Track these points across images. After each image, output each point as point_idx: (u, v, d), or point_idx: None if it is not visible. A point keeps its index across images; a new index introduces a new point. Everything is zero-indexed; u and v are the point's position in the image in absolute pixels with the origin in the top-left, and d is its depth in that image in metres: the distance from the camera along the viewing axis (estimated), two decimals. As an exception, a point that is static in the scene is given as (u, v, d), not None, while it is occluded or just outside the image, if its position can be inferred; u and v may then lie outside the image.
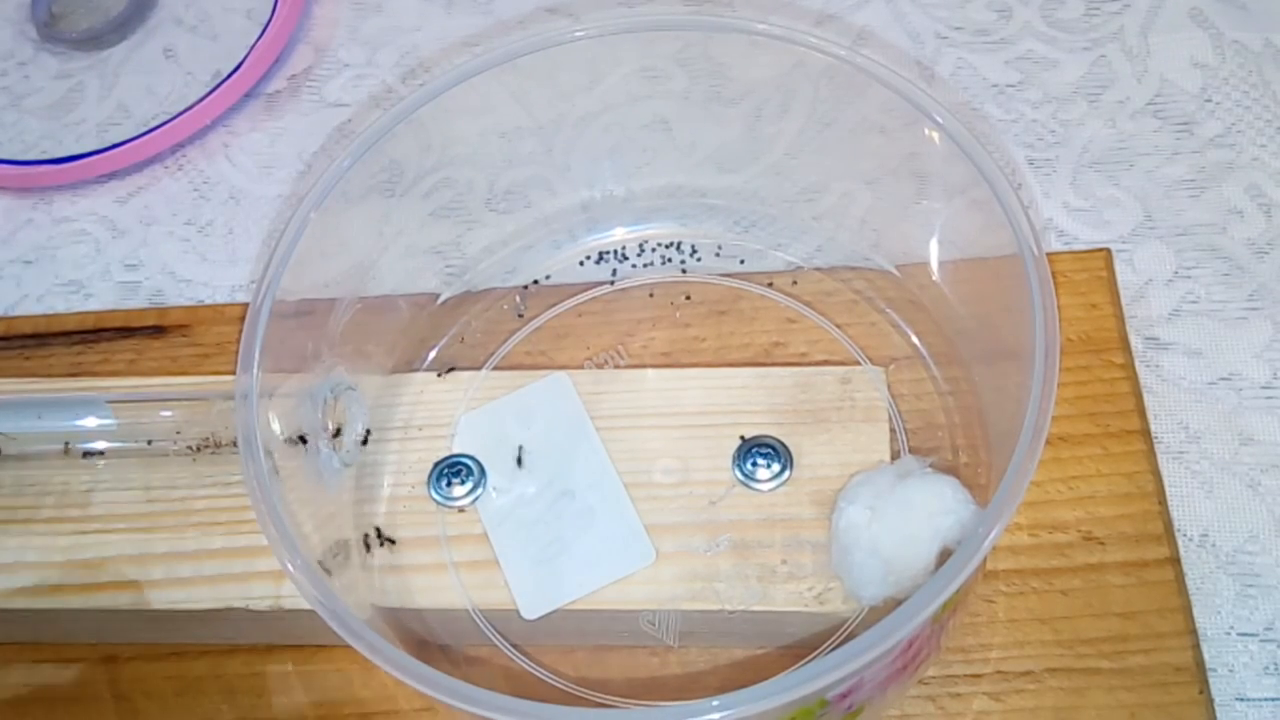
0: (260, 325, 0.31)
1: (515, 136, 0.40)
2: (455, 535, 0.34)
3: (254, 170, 0.46)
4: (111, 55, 0.51)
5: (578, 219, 0.41)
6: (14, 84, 0.51)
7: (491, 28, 0.49)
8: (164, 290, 0.44)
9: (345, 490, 0.35)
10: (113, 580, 0.34)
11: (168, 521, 0.34)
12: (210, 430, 0.35)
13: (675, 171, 0.41)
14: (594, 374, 0.37)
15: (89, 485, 0.35)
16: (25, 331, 0.42)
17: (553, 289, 0.40)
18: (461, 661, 0.34)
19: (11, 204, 0.47)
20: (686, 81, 0.40)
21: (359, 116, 0.47)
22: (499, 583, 0.33)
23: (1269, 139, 0.42)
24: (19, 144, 0.49)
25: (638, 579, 0.32)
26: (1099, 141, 0.43)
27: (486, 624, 0.33)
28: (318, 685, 0.34)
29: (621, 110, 0.40)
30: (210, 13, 0.51)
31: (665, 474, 0.34)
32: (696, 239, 0.40)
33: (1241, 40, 0.45)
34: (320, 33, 0.50)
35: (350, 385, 0.35)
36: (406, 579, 0.33)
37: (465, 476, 0.34)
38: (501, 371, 0.37)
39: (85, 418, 0.36)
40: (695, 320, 0.39)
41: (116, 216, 0.46)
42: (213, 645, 0.35)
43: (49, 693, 0.35)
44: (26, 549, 0.35)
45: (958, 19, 0.47)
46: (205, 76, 0.49)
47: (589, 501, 0.34)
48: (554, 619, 0.32)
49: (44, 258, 0.45)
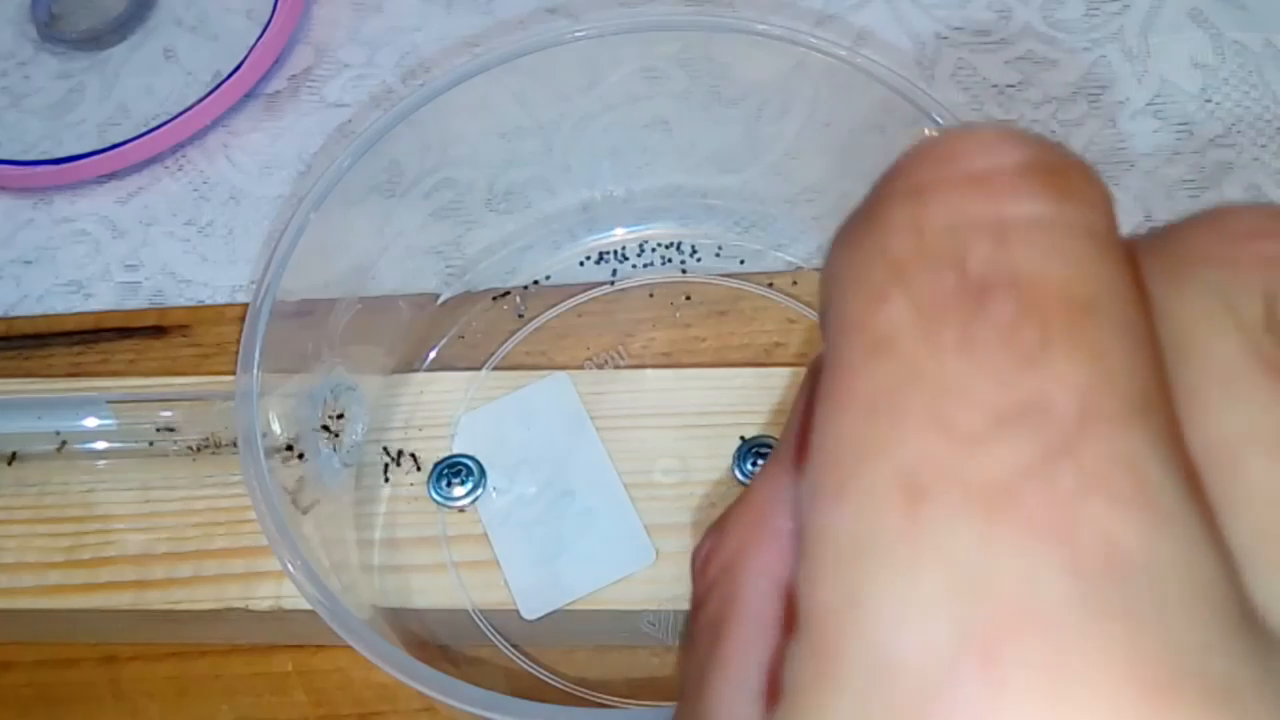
0: (260, 325, 0.31)
1: (515, 136, 0.40)
2: (455, 535, 0.34)
3: (254, 170, 0.46)
4: (111, 55, 0.51)
5: (578, 219, 0.41)
6: (14, 84, 0.51)
7: (491, 28, 0.49)
8: (164, 290, 0.44)
9: (345, 490, 0.35)
10: (113, 580, 0.34)
11: (168, 521, 0.34)
12: (210, 430, 0.35)
13: (675, 171, 0.41)
14: (594, 374, 0.37)
15: (89, 485, 0.35)
16: (25, 332, 0.42)
17: (553, 289, 0.40)
18: (461, 661, 0.34)
19: (11, 204, 0.47)
20: (686, 81, 0.40)
21: (359, 116, 0.47)
22: (499, 583, 0.33)
23: (1269, 139, 0.42)
24: (19, 144, 0.49)
25: (638, 579, 0.32)
26: (1099, 141, 0.43)
27: (486, 624, 0.33)
28: (318, 685, 0.34)
29: (621, 110, 0.40)
30: (210, 13, 0.51)
31: (665, 474, 0.34)
32: (696, 239, 0.40)
33: (1241, 40, 0.45)
34: (320, 33, 0.50)
35: (350, 385, 0.35)
36: (406, 579, 0.33)
37: (465, 477, 0.34)
38: (501, 371, 0.37)
39: (85, 418, 0.36)
40: (695, 320, 0.39)
41: (116, 217, 0.46)
42: (213, 645, 0.35)
43: (49, 693, 0.35)
44: (26, 549, 0.35)
45: (958, 19, 0.47)
46: (205, 77, 0.49)
47: (589, 501, 0.34)
48: (554, 619, 0.32)
49: (44, 258, 0.45)
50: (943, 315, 0.11)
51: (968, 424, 0.10)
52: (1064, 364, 0.11)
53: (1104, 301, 0.11)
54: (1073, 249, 0.11)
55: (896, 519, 0.10)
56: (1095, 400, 0.10)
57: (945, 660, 0.10)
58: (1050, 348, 0.11)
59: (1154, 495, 0.10)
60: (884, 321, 0.11)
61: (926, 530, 0.10)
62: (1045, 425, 0.10)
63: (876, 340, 0.11)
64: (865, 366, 0.11)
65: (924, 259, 0.11)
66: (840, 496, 0.11)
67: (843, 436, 0.11)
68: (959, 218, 0.12)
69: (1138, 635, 0.10)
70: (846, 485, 0.11)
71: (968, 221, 0.11)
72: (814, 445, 0.12)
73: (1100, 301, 0.11)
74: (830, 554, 0.11)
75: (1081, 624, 0.10)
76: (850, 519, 0.11)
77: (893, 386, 0.11)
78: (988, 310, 0.11)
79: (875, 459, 0.11)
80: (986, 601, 0.10)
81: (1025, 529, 0.10)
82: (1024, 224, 0.11)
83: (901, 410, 0.11)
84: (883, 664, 0.10)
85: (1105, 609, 0.10)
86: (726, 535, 0.15)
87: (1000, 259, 0.11)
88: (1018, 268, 0.11)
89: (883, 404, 0.11)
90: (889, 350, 0.11)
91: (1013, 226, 0.11)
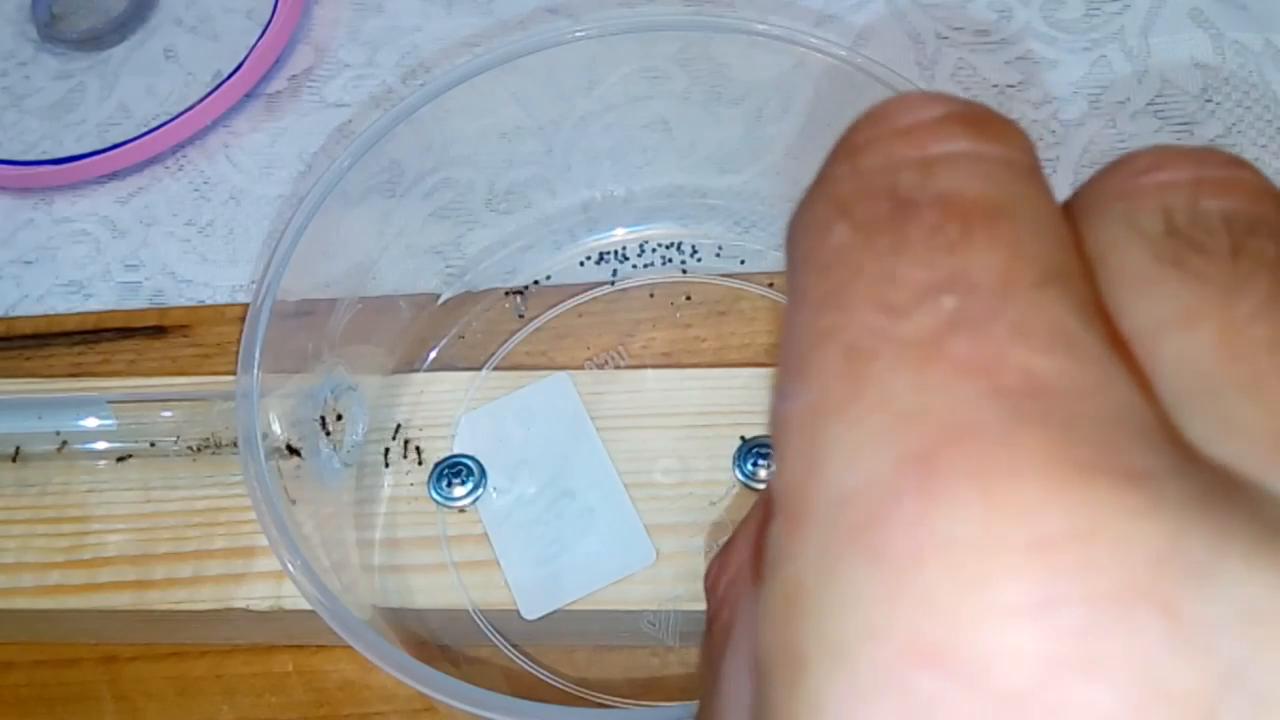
0: (260, 325, 0.31)
1: (515, 136, 0.40)
2: (455, 535, 0.34)
3: (254, 170, 0.46)
4: (112, 55, 0.51)
5: (578, 219, 0.41)
6: (14, 84, 0.51)
7: (491, 28, 0.49)
8: (164, 290, 0.44)
9: (345, 490, 0.35)
10: (113, 580, 0.34)
11: (168, 521, 0.34)
12: (211, 430, 0.35)
13: (675, 171, 0.41)
14: (594, 374, 0.37)
15: (89, 485, 0.35)
16: (25, 332, 0.42)
17: (553, 289, 0.40)
18: (461, 661, 0.34)
19: (11, 204, 0.47)
20: (686, 81, 0.40)
21: (359, 116, 0.47)
22: (499, 583, 0.33)
23: (1269, 139, 0.42)
24: (19, 144, 0.49)
25: (638, 579, 0.32)
26: (1099, 142, 0.43)
27: (486, 624, 0.33)
28: (318, 685, 0.34)
29: (621, 110, 0.40)
30: (210, 13, 0.51)
31: (665, 474, 0.34)
32: (697, 239, 0.40)
33: (1241, 40, 0.45)
34: (320, 33, 0.50)
35: (350, 385, 0.35)
36: (406, 579, 0.33)
37: (465, 477, 0.34)
38: (502, 372, 0.37)
39: (85, 418, 0.36)
40: (696, 320, 0.39)
41: (117, 217, 0.46)
42: (213, 645, 0.35)
43: (49, 693, 0.35)
44: (26, 549, 0.35)
45: (958, 19, 0.47)
46: (206, 77, 0.49)
47: (589, 502, 0.34)
48: (554, 619, 0.32)
49: (44, 258, 0.45)
50: (878, 227, 0.13)
51: (899, 299, 0.12)
52: (983, 248, 0.12)
53: (1021, 208, 0.13)
54: (991, 173, 0.13)
55: (843, 383, 0.12)
56: (1013, 271, 0.12)
57: (888, 482, 0.11)
58: (970, 236, 0.12)
59: (1071, 338, 0.11)
60: (829, 245, 0.13)
61: (868, 385, 0.11)
62: (968, 292, 0.12)
63: (824, 261, 0.13)
64: (816, 284, 0.13)
65: (860, 193, 0.13)
66: (799, 378, 0.12)
67: (797, 336, 0.13)
68: (890, 160, 0.13)
69: (1060, 435, 0.11)
70: (802, 368, 0.12)
71: (897, 161, 0.13)
72: (778, 358, 0.13)
73: (1018, 208, 0.13)
74: (794, 431, 0.12)
75: (1005, 432, 0.11)
76: (805, 394, 0.12)
77: (838, 287, 0.12)
78: (916, 218, 0.12)
79: (824, 343, 0.12)
80: (920, 428, 0.11)
81: (952, 369, 0.11)
82: (947, 156, 0.13)
83: (845, 301, 0.12)
84: (838, 502, 0.11)
85: (1027, 418, 0.11)
86: (732, 553, 0.17)
87: (926, 183, 0.13)
88: (941, 187, 0.13)
89: (830, 301, 0.12)
90: (835, 264, 0.13)
91: (936, 159, 0.13)
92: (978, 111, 0.14)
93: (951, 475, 0.11)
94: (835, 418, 0.12)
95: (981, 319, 0.11)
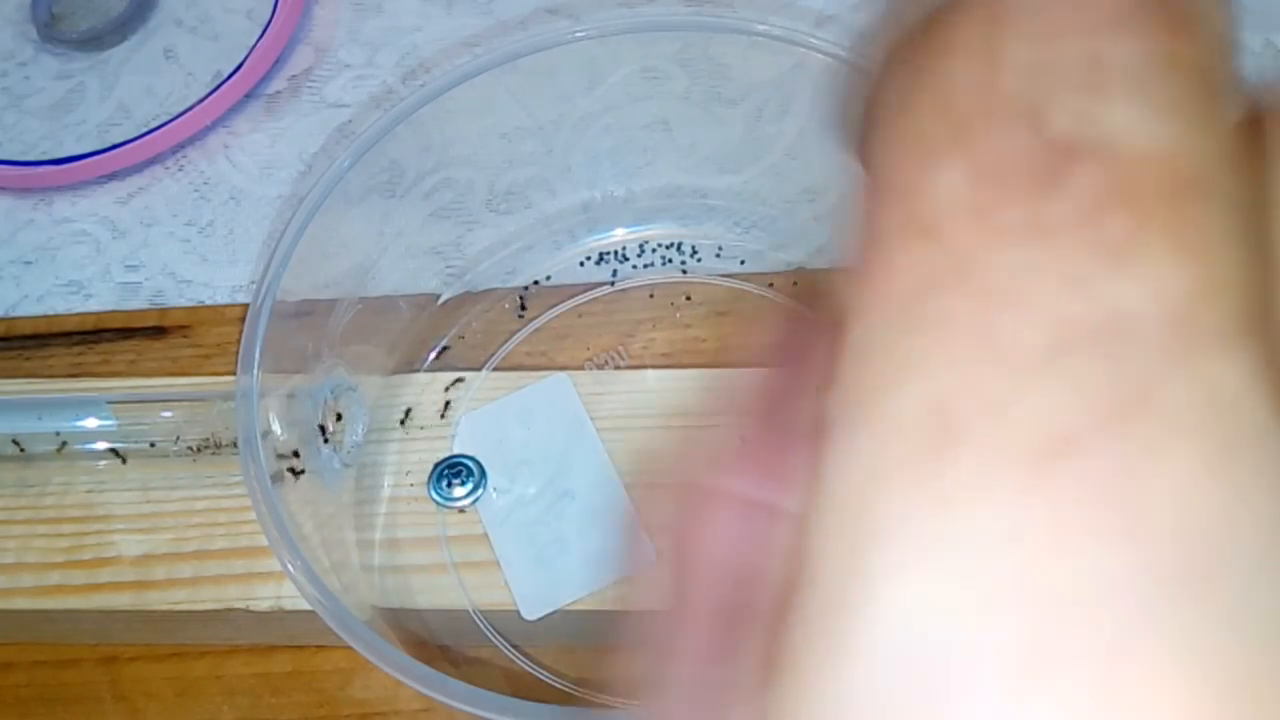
0: (260, 326, 0.31)
1: (515, 137, 0.40)
2: (455, 536, 0.34)
3: (254, 171, 0.46)
4: (112, 56, 0.51)
5: (578, 219, 0.41)
6: (14, 84, 0.51)
7: (491, 28, 0.49)
8: (164, 291, 0.44)
9: (345, 491, 0.35)
10: (113, 580, 0.34)
11: (168, 522, 0.34)
12: (211, 431, 0.35)
13: (675, 172, 0.41)
14: (594, 374, 0.37)
15: (89, 485, 0.35)
16: (25, 332, 0.42)
17: (553, 289, 0.40)
18: (461, 662, 0.34)
19: (11, 204, 0.47)
20: (686, 82, 0.40)
21: (359, 117, 0.47)
22: (499, 583, 0.33)
23: (1269, 139, 0.42)
24: (19, 144, 0.49)
25: (638, 579, 0.32)
26: (1099, 142, 0.43)
27: (486, 624, 0.33)
28: (318, 685, 0.34)
29: (621, 111, 0.40)
30: (210, 13, 0.51)
31: (665, 474, 0.34)
32: (697, 239, 0.40)
33: (1241, 40, 0.45)
34: (320, 33, 0.50)
35: (350, 385, 0.35)
36: (406, 579, 0.33)
37: (466, 477, 0.34)
38: (502, 372, 0.37)
39: (85, 418, 0.36)
40: (696, 321, 0.39)
41: (117, 217, 0.46)
42: (213, 645, 0.35)
43: (49, 693, 0.35)
44: (26, 549, 0.35)
45: (958, 19, 0.47)
46: (205, 77, 0.49)
47: (589, 502, 0.34)
48: (554, 619, 0.32)
49: (44, 258, 0.45)
50: (1006, 188, 0.09)
51: (1023, 345, 0.08)
52: (1160, 265, 0.08)
53: (1214, 180, 0.09)
54: (1184, 106, 0.09)
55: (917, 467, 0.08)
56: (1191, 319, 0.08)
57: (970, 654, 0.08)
58: (1144, 241, 0.08)
59: (1250, 451, 0.08)
60: (931, 194, 0.09)
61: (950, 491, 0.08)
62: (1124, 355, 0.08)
63: (921, 218, 0.09)
64: (905, 253, 0.09)
65: (993, 107, 0.09)
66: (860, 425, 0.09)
67: (870, 347, 0.09)
68: (1046, 52, 0.09)
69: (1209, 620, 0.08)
70: (868, 410, 0.09)
71: (1056, 58, 0.09)
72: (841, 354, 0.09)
73: (1210, 181, 0.09)
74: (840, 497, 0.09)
75: (1143, 624, 0.08)
76: (866, 455, 0.09)
77: (935, 282, 0.09)
78: (1067, 184, 0.09)
79: (904, 381, 0.09)
80: (1011, 608, 0.08)
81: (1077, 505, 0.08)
82: (1128, 67, 0.09)
83: (942, 318, 0.09)
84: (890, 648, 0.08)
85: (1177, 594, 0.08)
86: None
87: (1094, 114, 0.09)
88: (1115, 129, 0.09)
89: (921, 307, 0.09)
90: (935, 233, 0.09)
91: (1113, 69, 0.09)
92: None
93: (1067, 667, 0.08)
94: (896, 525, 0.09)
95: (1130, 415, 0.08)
